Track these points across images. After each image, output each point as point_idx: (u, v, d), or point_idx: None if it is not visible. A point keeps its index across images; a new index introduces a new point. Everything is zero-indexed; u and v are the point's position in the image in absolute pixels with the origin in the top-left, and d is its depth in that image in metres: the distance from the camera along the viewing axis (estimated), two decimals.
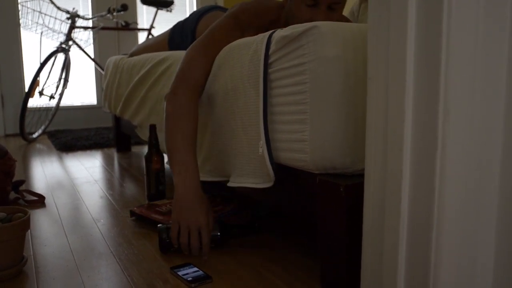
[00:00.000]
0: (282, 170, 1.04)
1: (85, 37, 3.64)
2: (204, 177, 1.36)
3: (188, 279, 1.01)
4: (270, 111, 1.03)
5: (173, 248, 1.18)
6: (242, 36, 1.26)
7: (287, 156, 1.00)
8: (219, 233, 1.18)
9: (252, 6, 1.30)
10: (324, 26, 0.90)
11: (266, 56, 1.02)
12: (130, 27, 3.68)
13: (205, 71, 1.25)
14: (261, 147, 1.03)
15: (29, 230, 1.30)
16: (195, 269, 1.06)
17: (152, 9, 4.10)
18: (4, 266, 1.05)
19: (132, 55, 2.32)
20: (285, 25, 1.23)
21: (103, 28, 3.40)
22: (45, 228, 1.41)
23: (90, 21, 3.62)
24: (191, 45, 1.29)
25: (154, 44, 2.20)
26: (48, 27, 3.31)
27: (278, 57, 0.99)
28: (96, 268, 1.11)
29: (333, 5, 1.17)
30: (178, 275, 1.04)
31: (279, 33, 0.99)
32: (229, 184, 1.19)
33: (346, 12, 1.88)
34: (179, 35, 2.03)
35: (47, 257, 1.18)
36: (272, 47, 1.01)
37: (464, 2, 0.58)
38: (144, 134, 1.99)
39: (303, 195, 1.03)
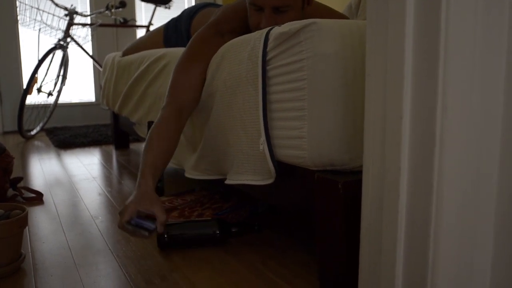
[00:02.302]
0: (280, 167, 1.04)
1: (83, 34, 3.63)
2: (199, 176, 1.35)
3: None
4: (268, 108, 1.03)
5: (172, 245, 1.18)
6: (224, 41, 1.26)
7: (285, 153, 0.99)
8: (218, 232, 1.18)
9: (234, 12, 1.29)
10: (322, 22, 0.90)
11: (264, 53, 1.02)
12: (129, 24, 3.68)
13: (191, 90, 1.23)
14: (261, 144, 1.03)
15: (27, 227, 1.30)
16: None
17: (151, 6, 4.09)
18: (2, 263, 1.05)
19: (125, 53, 2.31)
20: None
21: (102, 25, 3.39)
22: (43, 225, 1.41)
23: (89, 18, 3.61)
24: (177, 61, 1.27)
25: (148, 43, 2.18)
26: (46, 24, 3.30)
27: (276, 54, 0.99)
28: (94, 265, 1.11)
29: (281, 8, 1.15)
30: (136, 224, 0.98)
31: (277, 30, 0.99)
32: (226, 182, 1.19)
33: (342, 7, 1.88)
34: (174, 34, 2.02)
35: (45, 254, 1.18)
36: (270, 44, 1.00)
37: None
38: (143, 131, 1.98)
39: (301, 192, 1.03)
